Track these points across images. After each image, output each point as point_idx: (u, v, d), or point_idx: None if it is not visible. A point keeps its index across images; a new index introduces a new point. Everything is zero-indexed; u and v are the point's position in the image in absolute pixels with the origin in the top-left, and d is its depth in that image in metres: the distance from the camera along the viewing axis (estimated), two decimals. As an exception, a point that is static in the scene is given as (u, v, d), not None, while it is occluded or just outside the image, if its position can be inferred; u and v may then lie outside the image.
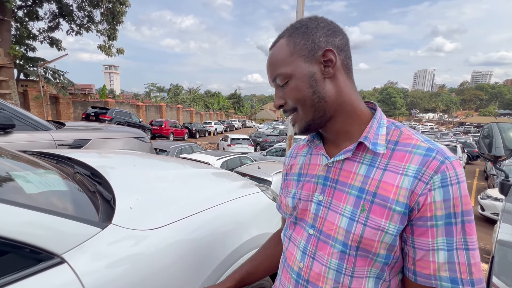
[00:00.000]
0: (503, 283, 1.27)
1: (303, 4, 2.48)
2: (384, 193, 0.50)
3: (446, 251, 0.47)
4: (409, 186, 0.48)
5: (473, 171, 13.16)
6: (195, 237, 0.94)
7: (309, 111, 0.56)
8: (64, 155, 1.42)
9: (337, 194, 0.56)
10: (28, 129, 2.44)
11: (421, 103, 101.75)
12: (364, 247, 0.51)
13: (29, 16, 10.96)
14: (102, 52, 12.31)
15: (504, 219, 1.62)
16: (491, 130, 1.62)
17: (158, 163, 1.78)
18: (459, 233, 0.47)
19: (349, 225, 0.52)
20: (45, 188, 0.87)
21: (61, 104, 14.27)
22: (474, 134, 30.62)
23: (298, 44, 0.55)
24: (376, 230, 0.50)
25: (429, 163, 0.48)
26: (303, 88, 0.54)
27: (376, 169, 0.53)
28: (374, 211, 0.50)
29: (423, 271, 0.49)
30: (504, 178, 1.81)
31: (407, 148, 0.52)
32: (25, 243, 0.61)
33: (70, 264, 0.64)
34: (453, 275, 0.47)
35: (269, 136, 17.70)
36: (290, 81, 0.55)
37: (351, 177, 0.55)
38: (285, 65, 0.55)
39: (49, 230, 0.66)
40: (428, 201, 0.47)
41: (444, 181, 0.47)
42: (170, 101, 33.25)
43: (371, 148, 0.53)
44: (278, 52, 0.57)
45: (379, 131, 0.55)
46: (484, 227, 5.55)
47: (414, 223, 0.49)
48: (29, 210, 0.66)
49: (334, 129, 0.58)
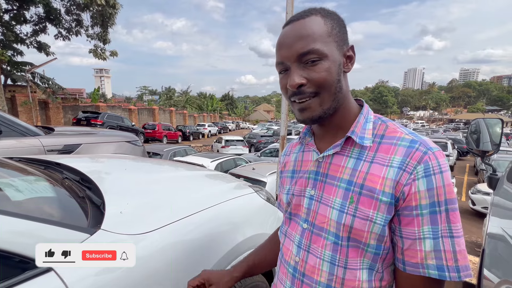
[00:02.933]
0: (494, 275, 1.30)
1: (292, 5, 2.50)
2: (371, 184, 0.52)
3: (432, 239, 0.48)
4: (394, 176, 0.50)
5: (464, 166, 13.43)
6: (188, 239, 0.93)
7: (329, 99, 0.54)
8: (52, 161, 1.39)
9: (327, 188, 0.57)
10: (16, 135, 2.39)
11: (412, 101, 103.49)
12: (355, 237, 0.53)
13: (15, 20, 10.74)
14: (95, 57, 12.11)
15: (493, 212, 1.66)
16: (478, 125, 1.66)
17: (150, 166, 1.77)
18: (444, 221, 0.48)
19: (339, 217, 0.54)
20: (32, 194, 0.85)
21: (51, 109, 14.01)
22: (464, 130, 31.26)
23: (334, 28, 0.53)
24: (365, 221, 0.51)
25: (412, 154, 0.50)
26: (334, 73, 0.53)
27: (363, 162, 0.54)
28: (362, 202, 0.52)
29: (411, 260, 0.50)
30: (492, 172, 1.85)
31: (392, 140, 0.53)
32: (10, 252, 0.60)
33: (57, 272, 0.62)
34: (440, 263, 0.48)
35: (263, 137, 17.71)
36: (322, 61, 0.52)
37: (339, 171, 0.56)
38: (322, 42, 0.52)
39: (35, 237, 0.64)
40: (413, 190, 0.49)
41: (427, 171, 0.49)
42: (163, 104, 32.98)
43: (358, 142, 0.55)
44: (315, 26, 0.52)
45: (366, 126, 0.57)
46: (475, 221, 5.66)
47: (401, 213, 0.51)
48: (14, 218, 0.64)
49: (330, 124, 0.59)
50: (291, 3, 2.54)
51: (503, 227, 1.42)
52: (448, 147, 11.60)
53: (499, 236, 1.42)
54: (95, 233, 0.75)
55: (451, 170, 10.89)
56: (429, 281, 0.50)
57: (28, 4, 10.13)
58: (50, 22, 11.38)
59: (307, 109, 0.54)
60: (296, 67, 0.53)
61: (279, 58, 0.55)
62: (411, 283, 0.52)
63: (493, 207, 1.72)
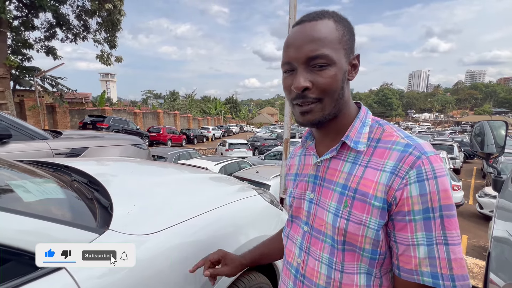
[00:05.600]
0: (500, 278, 1.29)
1: (295, 10, 2.52)
2: (364, 189, 0.52)
3: (426, 245, 0.47)
4: (386, 181, 0.50)
5: (471, 169, 13.23)
6: (193, 240, 0.95)
7: (331, 105, 0.54)
8: (61, 164, 1.43)
9: (324, 191, 0.58)
10: (25, 139, 2.45)
11: (417, 103, 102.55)
12: (350, 241, 0.53)
13: (24, 26, 11.00)
14: (100, 62, 12.30)
15: (498, 215, 1.64)
16: (483, 128, 1.65)
17: (155, 169, 1.79)
18: (438, 227, 0.47)
19: (334, 221, 0.55)
20: (42, 196, 0.88)
21: (58, 113, 14.24)
22: (470, 133, 30.75)
23: (345, 35, 0.53)
24: (359, 225, 0.52)
25: (405, 158, 0.50)
26: (339, 80, 0.53)
27: (358, 166, 0.55)
28: (355, 207, 0.52)
29: (406, 266, 0.50)
30: (497, 175, 1.84)
31: (387, 144, 0.53)
32: (23, 249, 0.62)
33: (68, 270, 0.65)
34: (434, 270, 0.47)
35: (267, 140, 17.73)
36: (330, 67, 0.51)
37: (336, 175, 0.57)
38: (332, 48, 0.51)
39: (46, 236, 0.67)
40: (405, 195, 0.48)
41: (419, 176, 0.48)
42: (167, 107, 33.25)
43: (352, 146, 0.56)
44: (327, 31, 0.51)
45: (362, 129, 0.57)
46: (483, 225, 5.56)
47: (394, 218, 0.50)
48: (26, 217, 0.67)
49: (329, 128, 0.59)
50: (293, 7, 2.57)
51: (509, 230, 1.40)
52: (454, 149, 11.46)
53: (505, 239, 1.41)
54: (104, 233, 0.77)
55: (457, 173, 10.72)
56: None
57: (37, 10, 10.37)
58: (59, 27, 11.63)
59: (308, 112, 0.55)
60: (303, 70, 0.52)
61: (286, 58, 0.54)
62: None
63: (498, 210, 1.71)
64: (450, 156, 10.69)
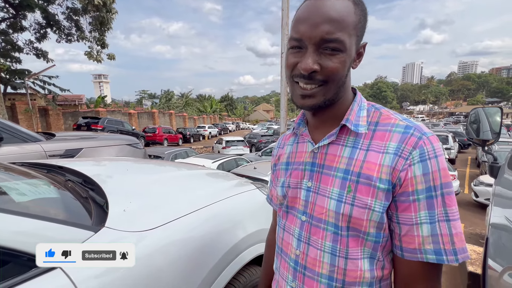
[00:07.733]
0: (498, 264, 1.30)
1: (288, 2, 2.50)
2: (368, 172, 0.51)
3: (429, 224, 0.48)
4: (390, 163, 0.50)
5: (465, 159, 13.39)
6: (191, 236, 0.94)
7: (333, 91, 0.53)
8: (55, 164, 1.40)
9: (324, 178, 0.57)
10: (17, 141, 2.40)
11: (411, 95, 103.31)
12: (354, 226, 0.53)
13: (13, 28, 10.77)
14: (89, 59, 12.05)
15: (495, 202, 1.66)
16: (478, 115, 1.66)
17: (151, 166, 1.78)
18: (440, 205, 0.48)
19: (337, 207, 0.53)
20: (35, 196, 0.86)
21: (51, 116, 14.05)
22: (464, 123, 31.23)
23: (360, 22, 0.51)
24: (364, 209, 0.51)
25: (407, 139, 0.50)
26: (346, 67, 0.51)
27: (359, 150, 0.54)
28: (360, 191, 0.52)
29: (409, 246, 0.50)
30: (493, 161, 1.85)
31: (387, 127, 0.53)
32: (17, 250, 0.60)
33: (63, 269, 0.63)
34: (437, 247, 0.48)
35: (264, 136, 17.71)
36: (341, 53, 0.49)
37: (336, 160, 0.56)
38: (348, 34, 0.49)
39: (41, 236, 0.65)
40: (409, 176, 0.49)
41: (422, 156, 0.48)
42: (162, 107, 33.00)
43: (353, 129, 0.54)
44: (345, 13, 0.48)
45: (360, 113, 0.57)
46: (479, 213, 5.64)
47: (398, 199, 0.50)
48: (19, 217, 0.65)
49: (326, 114, 0.58)
50: (286, 1, 2.55)
51: (506, 215, 1.42)
52: (449, 140, 11.56)
53: (502, 225, 1.42)
54: (99, 231, 0.75)
55: (452, 163, 10.85)
56: (427, 266, 0.50)
57: (25, 10, 10.14)
58: (50, 28, 11.39)
59: (310, 96, 0.52)
60: (314, 50, 0.49)
61: (297, 34, 0.50)
62: (410, 269, 0.52)
63: (495, 197, 1.72)
64: (445, 147, 10.80)
